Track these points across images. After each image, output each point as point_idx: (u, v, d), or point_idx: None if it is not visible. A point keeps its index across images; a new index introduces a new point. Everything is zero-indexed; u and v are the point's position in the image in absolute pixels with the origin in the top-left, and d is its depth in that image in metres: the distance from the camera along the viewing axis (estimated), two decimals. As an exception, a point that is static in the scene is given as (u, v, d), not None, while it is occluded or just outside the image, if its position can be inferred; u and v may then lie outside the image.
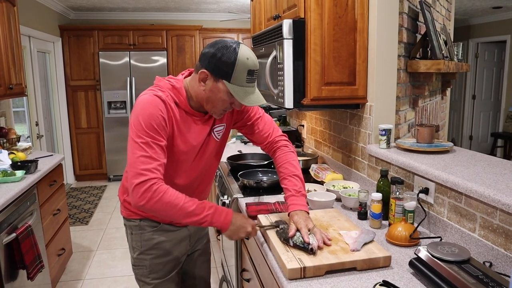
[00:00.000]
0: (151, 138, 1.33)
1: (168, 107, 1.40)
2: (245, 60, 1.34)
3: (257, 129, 1.67)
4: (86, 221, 4.48)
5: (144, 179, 1.29)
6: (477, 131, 7.66)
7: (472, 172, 1.49)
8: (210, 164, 1.63)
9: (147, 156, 1.31)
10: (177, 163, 1.49)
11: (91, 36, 5.76)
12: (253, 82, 1.39)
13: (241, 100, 1.37)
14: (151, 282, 1.62)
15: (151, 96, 1.38)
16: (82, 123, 5.96)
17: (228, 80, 1.36)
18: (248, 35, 6.37)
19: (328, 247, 1.36)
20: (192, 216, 1.35)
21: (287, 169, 1.59)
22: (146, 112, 1.34)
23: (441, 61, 2.08)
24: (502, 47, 7.13)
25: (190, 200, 1.35)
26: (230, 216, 1.42)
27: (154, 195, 1.29)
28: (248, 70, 1.35)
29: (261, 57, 2.49)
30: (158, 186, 1.30)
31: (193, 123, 1.49)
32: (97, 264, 3.47)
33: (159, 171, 1.33)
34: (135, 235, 1.61)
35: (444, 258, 1.19)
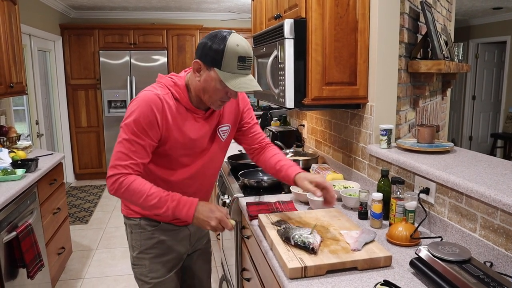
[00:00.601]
0: (136, 136, 1.38)
1: (164, 106, 1.41)
2: (235, 46, 1.33)
3: (255, 131, 1.74)
4: (86, 220, 4.48)
5: (115, 172, 1.37)
6: (477, 132, 7.67)
7: (473, 172, 1.49)
8: (214, 163, 1.64)
9: (124, 153, 1.38)
10: (176, 158, 1.50)
11: (91, 35, 5.75)
12: (245, 69, 1.37)
13: (229, 84, 1.35)
14: (150, 281, 1.62)
15: (150, 93, 1.41)
16: (82, 122, 5.96)
17: (219, 67, 1.36)
18: (249, 35, 6.36)
19: (329, 246, 1.37)
20: (155, 209, 1.39)
21: (282, 155, 1.71)
22: (140, 109, 1.38)
23: (441, 61, 2.08)
24: (502, 48, 7.14)
25: (155, 192, 1.38)
26: (193, 209, 1.40)
27: (120, 186, 1.37)
28: (238, 56, 1.34)
29: (262, 57, 2.50)
30: (125, 178, 1.37)
31: (193, 120, 1.50)
32: (97, 263, 3.47)
33: (132, 169, 1.39)
34: (135, 234, 1.61)
35: (445, 258, 1.19)
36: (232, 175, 2.52)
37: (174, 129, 1.45)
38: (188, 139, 1.49)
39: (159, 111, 1.40)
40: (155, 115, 1.39)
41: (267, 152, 1.73)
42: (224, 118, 1.61)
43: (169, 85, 1.47)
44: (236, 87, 1.35)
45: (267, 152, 1.73)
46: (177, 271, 1.69)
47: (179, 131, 1.46)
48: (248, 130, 1.73)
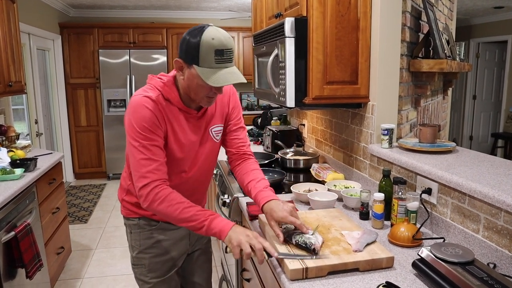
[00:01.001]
0: (147, 140, 1.36)
1: (158, 106, 1.39)
2: (210, 40, 1.28)
3: (236, 136, 1.66)
4: (85, 219, 4.47)
5: (147, 182, 1.35)
6: (477, 131, 7.66)
7: (475, 173, 1.47)
8: (208, 165, 1.62)
9: (146, 159, 1.36)
10: (171, 162, 1.48)
11: (91, 34, 5.74)
12: (223, 63, 1.31)
13: (209, 80, 1.30)
14: (150, 281, 1.61)
15: (141, 97, 1.39)
16: (82, 121, 5.94)
17: (197, 63, 1.31)
18: (249, 34, 6.35)
19: (330, 247, 1.35)
20: (191, 221, 1.35)
21: (255, 175, 1.59)
22: (138, 114, 1.36)
23: (443, 60, 2.06)
24: (503, 47, 7.12)
25: (192, 206, 1.36)
26: (231, 225, 1.33)
27: (156, 198, 1.34)
28: (214, 50, 1.28)
29: (262, 56, 2.48)
30: (161, 189, 1.35)
31: (186, 121, 1.47)
32: (96, 262, 3.45)
33: (161, 170, 1.37)
34: (134, 234, 1.61)
35: (447, 259, 1.17)
36: (232, 174, 2.51)
37: (169, 131, 1.43)
38: (183, 142, 1.47)
39: (156, 111, 1.39)
40: (153, 115, 1.38)
41: (244, 167, 1.64)
42: (217, 118, 1.58)
43: (158, 86, 1.44)
44: (215, 82, 1.30)
45: (243, 167, 1.64)
46: (177, 271, 1.68)
47: (174, 134, 1.44)
48: (231, 132, 1.66)
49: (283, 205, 1.42)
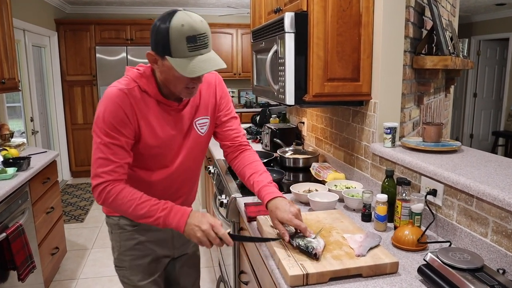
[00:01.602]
0: (111, 138, 1.29)
1: (131, 101, 1.31)
2: (179, 28, 1.17)
3: (229, 127, 1.57)
4: (82, 218, 4.40)
5: (100, 181, 1.29)
6: (478, 130, 7.60)
7: (483, 174, 1.41)
8: (194, 159, 1.53)
9: (104, 158, 1.29)
10: (151, 157, 1.41)
11: (87, 30, 5.66)
12: (198, 50, 1.20)
13: (184, 72, 1.21)
14: (133, 284, 1.55)
15: (113, 90, 1.30)
16: (79, 119, 5.87)
17: (170, 55, 1.21)
18: (247, 31, 6.28)
19: (331, 252, 1.29)
20: (145, 218, 1.30)
21: (257, 166, 1.53)
22: (107, 109, 1.29)
23: (448, 57, 2.00)
24: (504, 45, 7.06)
25: (145, 201, 1.29)
26: (185, 217, 1.29)
27: (107, 196, 1.29)
28: (186, 37, 1.18)
29: (261, 52, 2.42)
30: (112, 187, 1.29)
31: (166, 113, 1.39)
32: (92, 262, 3.39)
33: (117, 172, 1.30)
34: (114, 234, 1.55)
35: (456, 266, 1.11)
36: (230, 173, 2.45)
37: (144, 126, 1.35)
38: (161, 136, 1.39)
39: (126, 106, 1.30)
40: (123, 111, 1.29)
41: (242, 159, 1.56)
42: (202, 110, 1.48)
43: (135, 77, 1.34)
44: (191, 73, 1.20)
45: (242, 159, 1.56)
46: (160, 275, 1.62)
47: (149, 128, 1.36)
48: (222, 124, 1.56)
49: (290, 206, 1.35)
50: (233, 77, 6.39)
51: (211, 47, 1.26)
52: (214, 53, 1.26)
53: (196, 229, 1.27)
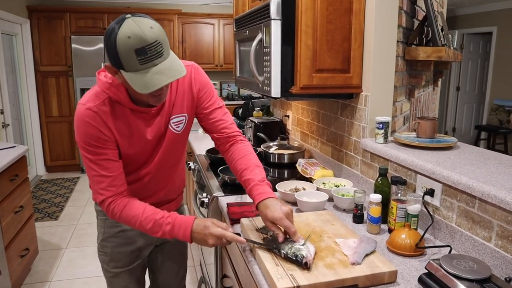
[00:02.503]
0: (96, 155, 1.27)
1: (102, 117, 1.26)
2: (126, 40, 1.07)
3: (214, 118, 1.48)
4: (56, 216, 4.20)
5: (102, 199, 1.31)
6: (460, 123, 7.63)
7: (485, 173, 1.31)
8: (172, 156, 1.49)
9: (98, 175, 1.29)
10: (128, 163, 1.39)
11: (62, 18, 5.39)
12: (150, 61, 1.10)
13: (136, 88, 1.12)
14: (112, 271, 1.57)
15: (81, 110, 1.25)
16: (53, 111, 5.62)
17: (122, 68, 1.12)
18: (229, 21, 6.11)
19: (324, 259, 1.17)
20: (152, 233, 1.31)
21: (249, 160, 1.42)
22: (81, 130, 1.26)
23: (442, 48, 1.90)
24: (487, 39, 7.07)
25: (148, 216, 1.29)
26: (189, 230, 1.28)
27: (113, 213, 1.31)
28: (134, 50, 1.08)
29: (244, 41, 2.27)
30: (115, 205, 1.30)
31: (142, 120, 1.33)
32: (66, 263, 3.21)
33: (115, 186, 1.30)
34: (100, 220, 1.56)
35: (462, 276, 1.01)
36: (211, 170, 2.31)
37: (119, 138, 1.31)
38: (137, 144, 1.35)
39: (98, 123, 1.26)
40: (96, 129, 1.25)
41: (233, 153, 1.47)
42: (177, 108, 1.40)
43: (105, 88, 1.27)
44: (143, 89, 1.11)
45: (233, 152, 1.47)
46: (140, 263, 1.61)
47: (125, 138, 1.32)
48: (206, 117, 1.48)
49: (281, 205, 1.25)
50: (215, 68, 6.22)
51: (168, 53, 1.16)
52: (172, 60, 1.16)
53: (205, 243, 1.28)
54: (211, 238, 1.25)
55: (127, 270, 1.57)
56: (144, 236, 1.56)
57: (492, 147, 6.51)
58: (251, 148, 1.49)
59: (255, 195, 1.31)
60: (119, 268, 1.56)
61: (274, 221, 1.23)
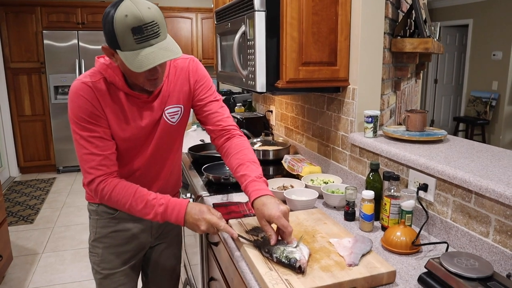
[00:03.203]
0: (87, 131, 1.25)
1: (96, 94, 1.25)
2: (123, 19, 1.08)
3: (209, 110, 1.46)
4: (31, 219, 4.03)
5: (91, 178, 1.27)
6: (438, 115, 7.73)
7: (479, 166, 1.28)
8: (166, 149, 1.46)
9: (89, 153, 1.26)
10: (120, 150, 1.35)
11: (32, 12, 5.17)
12: (146, 41, 1.11)
13: (132, 66, 1.12)
14: (102, 272, 1.51)
15: (77, 84, 1.25)
16: (26, 110, 5.40)
17: (118, 48, 1.13)
18: (208, 15, 5.99)
19: (319, 261, 1.12)
20: (143, 214, 1.28)
21: (245, 155, 1.38)
22: (74, 104, 1.24)
23: (429, 39, 1.87)
24: (464, 31, 7.16)
25: (140, 197, 1.26)
26: (183, 212, 1.26)
27: (103, 193, 1.27)
28: (131, 29, 1.09)
29: (226, 34, 2.19)
30: (105, 184, 1.27)
31: (135, 106, 1.32)
32: (43, 269, 3.08)
33: (105, 165, 1.27)
34: (92, 220, 1.51)
35: (464, 275, 0.97)
36: (194, 169, 2.23)
37: (112, 119, 1.29)
38: (130, 130, 1.33)
39: (92, 99, 1.24)
40: (90, 103, 1.24)
41: (229, 148, 1.42)
42: (173, 98, 1.40)
43: (101, 69, 1.28)
44: (138, 67, 1.12)
45: (229, 147, 1.42)
46: (132, 265, 1.55)
47: (118, 121, 1.30)
48: (201, 109, 1.46)
49: (279, 203, 1.19)
50: (194, 64, 6.09)
51: (165, 35, 1.16)
52: (168, 42, 1.16)
53: (196, 228, 1.26)
54: (204, 224, 1.24)
55: (118, 272, 1.51)
56: (138, 237, 1.52)
57: (470, 138, 6.62)
58: (248, 143, 1.44)
59: (251, 191, 1.25)
60: (110, 269, 1.50)
61: (270, 219, 1.16)
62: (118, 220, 1.48)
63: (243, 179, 1.30)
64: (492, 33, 6.43)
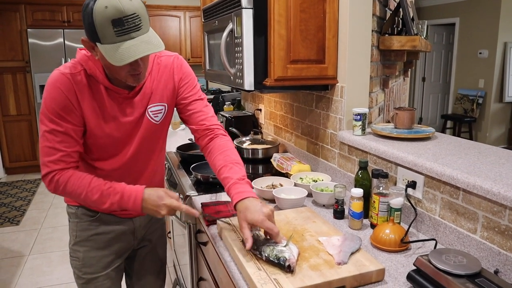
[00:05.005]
0: (55, 124, 1.21)
1: (74, 87, 1.21)
2: (103, 10, 1.04)
3: (193, 109, 1.43)
4: (17, 220, 3.97)
5: (47, 171, 1.24)
6: (426, 113, 7.80)
7: (467, 163, 1.28)
8: (149, 149, 1.42)
9: (50, 147, 1.23)
10: (99, 147, 1.32)
11: (17, 10, 5.08)
12: (127, 33, 1.08)
13: (112, 60, 1.09)
14: (83, 277, 1.47)
15: (55, 74, 1.21)
16: (11, 110, 5.31)
17: (98, 41, 1.10)
18: (196, 14, 5.96)
19: (308, 260, 1.11)
20: (99, 204, 1.25)
21: (228, 157, 1.34)
22: (50, 95, 1.20)
23: (416, 37, 1.87)
24: (451, 30, 7.23)
25: (96, 187, 1.24)
26: (139, 199, 1.25)
27: (57, 185, 1.24)
28: (111, 21, 1.05)
29: (214, 32, 2.17)
30: (60, 176, 1.23)
31: (115, 101, 1.28)
32: (29, 271, 3.03)
33: (64, 162, 1.24)
34: (72, 223, 1.48)
35: (452, 272, 0.97)
36: (183, 168, 2.21)
37: (89, 114, 1.25)
38: (108, 126, 1.29)
39: (69, 91, 1.20)
40: (65, 96, 1.20)
41: (213, 148, 1.39)
42: (156, 96, 1.36)
43: (82, 61, 1.23)
44: (118, 61, 1.08)
45: (212, 148, 1.39)
46: (115, 268, 1.52)
47: (95, 117, 1.26)
48: (185, 107, 1.43)
49: (262, 206, 1.17)
50: (182, 63, 6.05)
51: (147, 29, 1.13)
52: (150, 35, 1.13)
53: (156, 213, 1.26)
54: (164, 208, 1.24)
55: (101, 276, 1.47)
56: (120, 239, 1.49)
57: (458, 135, 6.69)
58: (232, 144, 1.41)
59: (233, 194, 1.23)
60: (92, 274, 1.46)
61: (254, 224, 1.15)
62: (99, 222, 1.44)
63: (226, 182, 1.28)
64: (478, 32, 6.51)
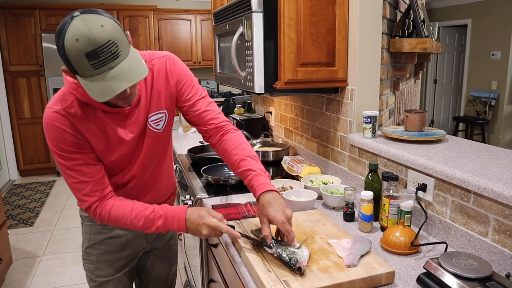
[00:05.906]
0: (72, 160, 1.19)
1: (71, 120, 1.17)
2: (74, 43, 0.95)
3: (198, 109, 1.38)
4: (31, 222, 4.03)
5: (87, 206, 1.24)
6: (438, 115, 7.73)
7: (478, 166, 1.28)
8: (157, 158, 1.42)
9: (77, 182, 1.22)
10: (109, 166, 1.31)
11: (31, 15, 5.18)
12: (105, 64, 0.99)
13: (93, 96, 1.01)
14: (96, 280, 1.48)
15: (49, 113, 1.17)
16: (25, 113, 5.40)
17: (77, 73, 1.02)
18: (206, 17, 6.00)
19: (318, 262, 1.11)
20: (146, 229, 1.25)
21: (245, 150, 1.32)
22: (52, 136, 1.17)
23: (427, 39, 1.87)
24: (463, 31, 7.16)
25: (138, 214, 1.23)
26: (183, 221, 1.23)
27: (101, 218, 1.25)
28: (85, 54, 0.96)
29: (224, 36, 2.19)
30: (101, 209, 1.24)
31: (116, 121, 1.25)
32: (43, 272, 3.07)
33: (98, 190, 1.23)
34: (85, 226, 1.48)
35: (463, 275, 0.96)
36: (194, 170, 2.22)
37: (95, 141, 1.22)
38: (114, 148, 1.27)
39: (69, 127, 1.17)
40: (67, 133, 1.17)
41: (226, 144, 1.36)
42: (155, 104, 1.30)
43: (72, 89, 1.17)
44: (100, 97, 1.01)
45: (225, 144, 1.36)
46: (127, 272, 1.53)
47: (100, 142, 1.24)
48: (189, 109, 1.38)
49: (285, 206, 1.18)
50: (193, 66, 6.10)
51: (126, 53, 1.03)
52: (131, 60, 1.04)
53: (198, 233, 1.22)
54: (205, 228, 1.20)
55: (113, 279, 1.49)
56: (132, 243, 1.49)
57: (470, 138, 6.61)
58: (244, 138, 1.39)
59: (256, 185, 1.22)
60: (105, 277, 1.47)
61: (273, 222, 1.15)
62: (112, 226, 1.43)
63: (247, 174, 1.26)
64: (491, 33, 6.44)
